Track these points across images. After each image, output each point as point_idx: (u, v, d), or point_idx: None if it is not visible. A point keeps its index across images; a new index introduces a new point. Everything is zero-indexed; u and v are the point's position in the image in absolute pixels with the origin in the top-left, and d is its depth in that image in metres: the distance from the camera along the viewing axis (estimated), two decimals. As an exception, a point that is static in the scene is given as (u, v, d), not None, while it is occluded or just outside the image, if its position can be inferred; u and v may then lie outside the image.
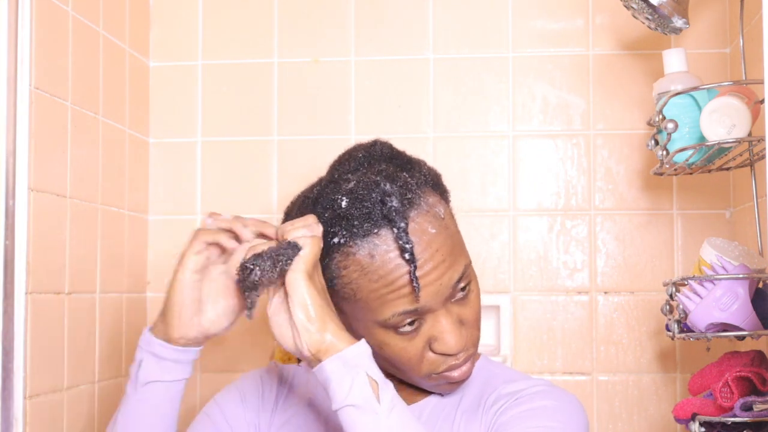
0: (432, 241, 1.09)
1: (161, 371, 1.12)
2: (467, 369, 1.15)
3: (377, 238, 1.08)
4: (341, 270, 1.10)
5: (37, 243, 1.28)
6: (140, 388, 1.13)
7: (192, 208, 1.75)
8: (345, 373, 1.00)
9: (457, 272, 1.11)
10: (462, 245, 1.15)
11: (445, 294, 1.10)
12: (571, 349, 1.69)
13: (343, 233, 1.09)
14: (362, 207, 1.08)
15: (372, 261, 1.08)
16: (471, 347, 1.15)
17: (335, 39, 1.75)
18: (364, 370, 1.00)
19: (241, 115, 1.76)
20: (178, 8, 1.78)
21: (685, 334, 1.38)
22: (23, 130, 1.24)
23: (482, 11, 1.74)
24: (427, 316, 1.11)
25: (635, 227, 1.70)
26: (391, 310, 1.09)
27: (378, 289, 1.08)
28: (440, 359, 1.13)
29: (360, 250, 1.08)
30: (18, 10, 1.23)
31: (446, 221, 1.13)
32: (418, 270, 1.07)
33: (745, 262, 1.36)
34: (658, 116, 1.42)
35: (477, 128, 1.73)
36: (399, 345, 1.12)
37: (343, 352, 1.01)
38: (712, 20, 1.70)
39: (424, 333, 1.12)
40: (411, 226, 1.09)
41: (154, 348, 1.12)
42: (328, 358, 1.01)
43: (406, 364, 1.13)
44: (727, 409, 1.33)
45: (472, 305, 1.14)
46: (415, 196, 1.11)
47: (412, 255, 1.07)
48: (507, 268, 1.71)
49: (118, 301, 1.59)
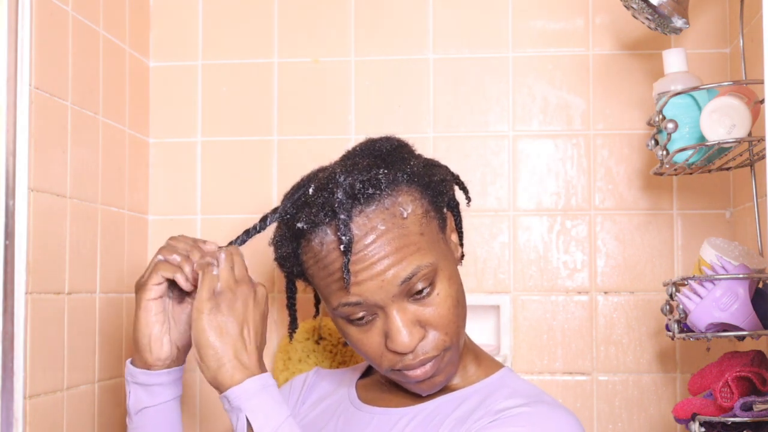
0: (379, 236, 1.10)
1: (150, 397, 1.17)
2: (426, 372, 1.13)
3: (329, 227, 1.11)
4: (303, 255, 1.16)
5: (37, 243, 1.28)
6: (134, 417, 1.18)
7: (192, 208, 1.75)
8: (230, 411, 1.07)
9: (406, 271, 1.10)
10: (424, 247, 1.13)
11: (392, 291, 1.10)
12: (571, 349, 1.69)
13: (304, 219, 1.13)
14: (320, 196, 1.12)
15: (321, 250, 1.12)
16: (431, 350, 1.12)
17: (335, 39, 1.75)
18: (244, 413, 1.05)
19: (241, 115, 1.76)
20: (178, 8, 1.78)
21: (685, 334, 1.38)
22: (23, 130, 1.24)
23: (482, 11, 1.74)
24: (378, 311, 1.12)
25: (635, 227, 1.70)
26: (337, 300, 1.12)
27: (325, 278, 1.13)
28: (395, 358, 1.13)
29: (315, 238, 1.13)
30: (18, 10, 1.23)
31: (408, 221, 1.12)
32: (355, 263, 1.09)
33: (745, 262, 1.36)
34: (658, 116, 1.42)
35: (477, 128, 1.73)
36: (356, 336, 1.14)
37: (226, 393, 1.06)
38: (712, 20, 1.70)
39: (379, 328, 1.13)
40: (359, 219, 1.10)
41: (138, 378, 1.17)
42: (221, 396, 1.08)
43: (366, 355, 1.15)
44: (727, 409, 1.33)
45: (436, 307, 1.12)
46: (378, 192, 1.11)
47: (347, 247, 1.09)
48: (507, 268, 1.71)
49: (118, 301, 1.59)
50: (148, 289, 1.16)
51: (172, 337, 1.18)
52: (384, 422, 1.16)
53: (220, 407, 1.73)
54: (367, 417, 1.19)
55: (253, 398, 1.05)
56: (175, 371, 1.19)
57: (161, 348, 1.16)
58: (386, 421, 1.16)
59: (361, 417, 1.19)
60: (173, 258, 1.16)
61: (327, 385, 1.31)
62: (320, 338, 1.61)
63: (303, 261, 1.16)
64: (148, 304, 1.16)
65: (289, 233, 1.17)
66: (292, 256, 1.18)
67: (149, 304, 1.16)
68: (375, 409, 1.20)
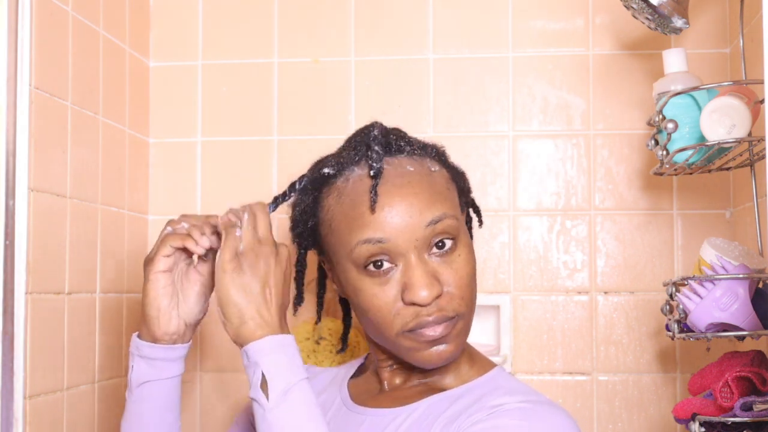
0: (406, 174, 1.13)
1: (153, 371, 1.17)
2: (439, 331, 1.11)
3: (357, 166, 1.15)
4: (324, 200, 1.17)
5: (37, 243, 1.28)
6: (135, 390, 1.17)
7: (192, 208, 1.75)
8: (248, 366, 1.07)
9: (433, 213, 1.11)
10: (449, 200, 1.15)
11: (417, 233, 1.10)
12: (571, 349, 1.69)
13: (332, 164, 1.16)
14: (352, 142, 1.18)
15: (346, 185, 1.14)
16: (449, 310, 1.11)
17: (335, 39, 1.75)
18: (260, 368, 1.05)
19: (241, 115, 1.76)
20: (178, 8, 1.78)
21: (685, 334, 1.38)
22: (23, 130, 1.24)
23: (482, 11, 1.74)
24: (398, 259, 1.11)
25: (635, 227, 1.70)
26: (357, 237, 1.11)
27: (347, 212, 1.13)
28: (410, 313, 1.11)
29: (340, 178, 1.16)
30: (18, 10, 1.23)
31: (436, 175, 1.16)
32: (383, 195, 1.11)
33: (745, 262, 1.36)
34: (658, 116, 1.42)
35: (477, 128, 1.73)
36: (370, 291, 1.12)
37: (246, 347, 1.06)
38: (712, 20, 1.70)
39: (396, 280, 1.11)
40: (390, 159, 1.14)
41: (143, 351, 1.17)
42: (241, 350, 1.08)
43: (377, 315, 1.12)
44: (727, 409, 1.33)
45: (457, 270, 1.12)
46: (409, 147, 1.17)
47: (378, 172, 1.11)
48: (507, 268, 1.71)
49: (118, 301, 1.59)
50: (156, 261, 1.16)
51: (180, 313, 1.17)
52: (376, 423, 1.16)
53: (220, 408, 1.73)
54: (359, 418, 1.18)
55: (271, 354, 1.06)
56: (181, 348, 1.18)
57: (169, 322, 1.16)
58: (378, 422, 1.16)
59: (353, 418, 1.19)
60: (181, 227, 1.17)
61: (317, 384, 1.30)
62: (320, 338, 1.61)
63: (323, 207, 1.17)
64: (157, 276, 1.16)
65: (311, 186, 1.19)
66: (310, 208, 1.18)
67: (158, 276, 1.16)
68: (367, 410, 1.19)
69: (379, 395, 1.21)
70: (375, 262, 1.11)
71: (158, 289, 1.16)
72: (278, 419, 1.03)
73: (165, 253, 1.15)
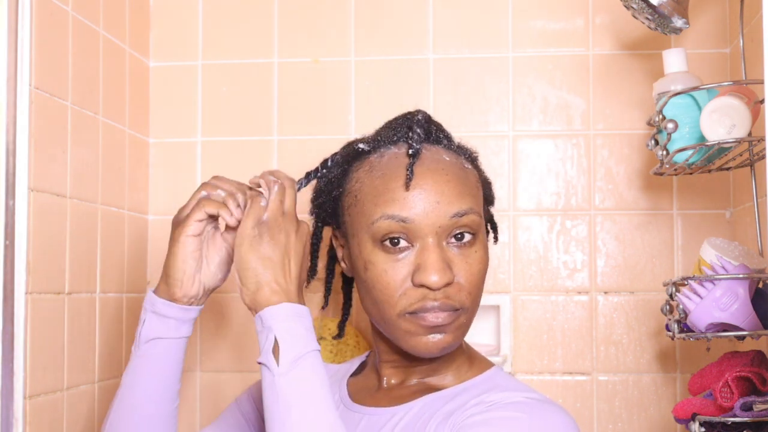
0: (442, 162, 1.15)
1: (165, 328, 1.18)
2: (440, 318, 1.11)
3: (394, 146, 1.17)
4: (354, 173, 1.18)
5: (37, 243, 1.28)
6: (142, 345, 1.18)
7: (192, 208, 1.75)
8: (261, 332, 1.07)
9: (457, 205, 1.12)
10: (477, 198, 1.17)
11: (440, 221, 1.11)
12: (571, 349, 1.69)
13: (367, 141, 1.19)
14: (393, 123, 1.21)
15: (380, 160, 1.16)
16: (456, 301, 1.12)
17: (335, 39, 1.75)
18: (273, 333, 1.05)
19: (241, 115, 1.76)
20: (178, 8, 1.78)
21: (685, 334, 1.38)
22: (23, 130, 1.24)
23: (482, 11, 1.74)
24: (416, 241, 1.12)
25: (635, 227, 1.70)
26: (382, 210, 1.12)
27: (377, 185, 1.14)
28: (417, 294, 1.11)
29: (374, 153, 1.18)
30: (18, 10, 1.23)
31: (469, 173, 1.18)
32: (417, 176, 1.12)
33: (745, 262, 1.36)
34: (658, 116, 1.42)
35: (477, 128, 1.73)
36: (382, 264, 1.12)
37: (261, 312, 1.07)
38: (712, 20, 1.70)
39: (409, 261, 1.12)
40: (428, 146, 1.17)
41: (158, 307, 1.18)
42: (255, 316, 1.09)
43: (384, 292, 1.12)
44: (727, 409, 1.33)
45: (471, 265, 1.13)
46: (447, 141, 1.20)
47: (417, 152, 1.13)
48: (507, 268, 1.71)
49: (118, 301, 1.59)
50: (189, 225, 1.16)
51: (202, 277, 1.19)
52: (374, 422, 1.16)
53: (220, 408, 1.73)
54: (357, 417, 1.18)
55: (285, 321, 1.06)
56: (194, 310, 1.19)
57: (191, 286, 1.17)
58: (376, 421, 1.16)
59: (351, 416, 1.19)
60: (217, 194, 1.17)
61: None
62: (320, 338, 1.61)
63: (351, 179, 1.18)
64: (187, 240, 1.16)
65: (342, 160, 1.20)
66: (337, 179, 1.20)
67: (188, 240, 1.16)
68: (365, 408, 1.19)
69: (377, 394, 1.22)
70: (392, 239, 1.12)
71: (187, 253, 1.17)
72: (287, 385, 1.03)
73: (198, 217, 1.16)
